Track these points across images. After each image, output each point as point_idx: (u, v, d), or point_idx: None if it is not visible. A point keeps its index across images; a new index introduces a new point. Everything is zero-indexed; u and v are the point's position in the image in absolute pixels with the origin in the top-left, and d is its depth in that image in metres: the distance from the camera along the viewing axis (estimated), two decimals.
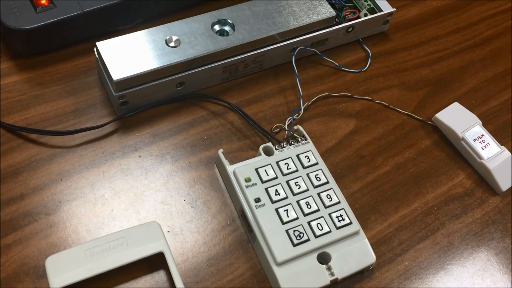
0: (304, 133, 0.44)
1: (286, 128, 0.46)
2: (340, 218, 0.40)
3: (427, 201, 0.45)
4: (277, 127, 0.47)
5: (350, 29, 0.51)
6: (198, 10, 0.51)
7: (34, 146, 0.42)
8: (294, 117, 0.47)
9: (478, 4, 0.60)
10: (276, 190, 0.41)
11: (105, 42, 0.43)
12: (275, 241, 0.38)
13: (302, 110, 0.47)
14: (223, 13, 0.47)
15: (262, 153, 0.43)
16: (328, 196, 0.41)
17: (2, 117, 0.43)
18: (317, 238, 0.39)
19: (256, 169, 0.42)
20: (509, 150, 0.47)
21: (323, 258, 0.39)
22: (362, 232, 0.41)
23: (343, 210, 0.41)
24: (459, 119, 0.48)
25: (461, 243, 0.43)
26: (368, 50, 0.53)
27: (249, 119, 0.46)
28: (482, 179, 0.47)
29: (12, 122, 0.43)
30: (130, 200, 0.41)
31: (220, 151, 0.43)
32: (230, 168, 0.42)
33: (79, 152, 0.42)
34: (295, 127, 0.45)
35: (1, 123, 0.43)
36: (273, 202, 0.40)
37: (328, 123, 0.48)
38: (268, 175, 0.41)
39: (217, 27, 0.46)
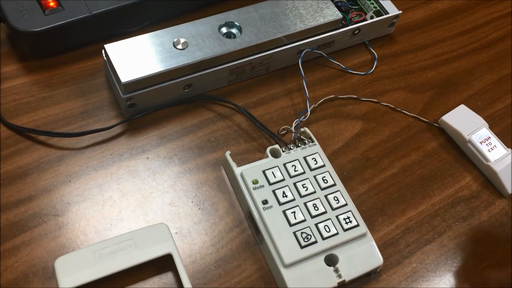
0: (311, 135, 0.44)
1: (293, 130, 0.46)
2: (347, 220, 0.41)
3: (434, 203, 0.45)
4: (283, 129, 0.47)
5: (356, 32, 0.51)
6: (205, 13, 0.51)
7: (42, 148, 0.42)
8: (301, 119, 0.47)
9: (483, 7, 0.60)
10: (284, 192, 0.41)
11: (113, 44, 0.44)
12: (283, 243, 0.39)
13: (308, 112, 0.47)
14: (230, 15, 0.47)
15: (269, 155, 0.43)
16: (335, 198, 0.42)
17: (10, 118, 0.43)
18: (324, 240, 0.39)
19: (264, 171, 0.42)
20: None
21: (331, 260, 0.39)
22: (369, 234, 0.41)
23: (350, 212, 0.41)
24: (465, 122, 0.48)
25: (468, 246, 0.43)
26: (374, 52, 0.53)
27: (256, 121, 0.46)
28: (488, 181, 0.47)
29: (20, 124, 0.43)
30: (138, 201, 0.41)
31: (228, 153, 0.43)
32: (237, 170, 0.42)
33: (87, 153, 0.43)
34: (302, 129, 0.45)
35: (10, 124, 0.43)
36: (280, 204, 0.40)
37: (334, 125, 0.48)
38: (275, 177, 0.42)
39: (224, 30, 0.47)
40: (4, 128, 0.43)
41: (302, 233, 0.39)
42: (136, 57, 0.43)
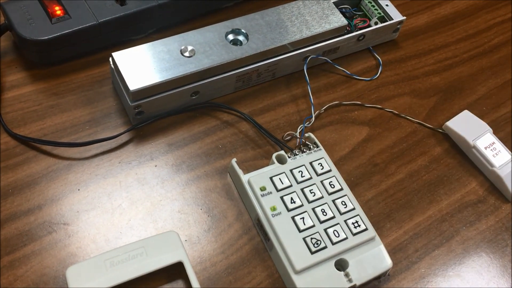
0: (316, 140, 0.45)
1: (298, 136, 0.46)
2: (356, 225, 0.41)
3: (441, 208, 0.45)
4: (288, 134, 0.47)
5: (361, 38, 0.51)
6: (210, 20, 0.52)
7: (50, 157, 0.42)
8: (306, 124, 0.47)
9: (485, 12, 0.60)
10: (292, 198, 0.41)
11: (121, 52, 0.44)
12: (293, 249, 0.39)
13: (313, 118, 0.48)
14: (237, 22, 0.47)
15: (276, 161, 0.43)
16: (343, 203, 0.42)
17: (18, 127, 0.43)
18: (334, 245, 0.40)
19: (271, 178, 0.42)
20: None
21: (341, 265, 0.40)
22: (378, 238, 0.41)
23: (358, 216, 0.41)
24: (469, 127, 0.48)
25: (476, 250, 0.43)
26: (378, 58, 0.53)
27: (261, 127, 0.46)
28: (494, 186, 0.47)
29: (28, 132, 0.43)
30: (147, 209, 0.41)
31: (234, 161, 0.43)
32: (244, 178, 0.42)
33: (95, 162, 0.43)
34: (306, 135, 0.45)
35: (15, 134, 0.43)
36: (289, 210, 0.41)
37: (340, 131, 0.48)
38: (282, 183, 0.42)
39: (231, 37, 0.47)
40: (11, 137, 0.43)
41: (311, 238, 0.39)
42: (144, 65, 0.43)
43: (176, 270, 0.38)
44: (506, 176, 0.46)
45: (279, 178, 0.42)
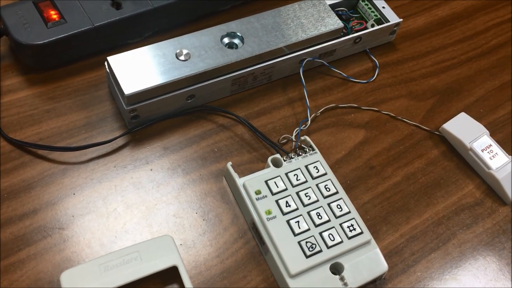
0: (312, 143, 0.45)
1: (293, 139, 0.46)
2: (351, 228, 0.41)
3: (438, 211, 0.45)
4: (284, 138, 0.47)
5: (357, 40, 0.51)
6: (206, 23, 0.52)
7: (46, 161, 0.42)
8: (301, 128, 0.47)
9: (483, 14, 0.60)
10: (287, 202, 0.41)
11: (116, 56, 0.44)
12: (288, 253, 0.39)
13: (309, 121, 0.47)
14: (232, 26, 0.47)
15: (271, 164, 0.43)
16: (339, 206, 0.42)
17: (14, 132, 0.43)
18: (329, 249, 0.39)
19: (266, 181, 0.42)
20: None
21: (336, 269, 0.39)
22: (373, 241, 0.41)
23: (353, 219, 0.41)
24: (466, 130, 0.48)
25: (473, 253, 0.43)
26: (375, 60, 0.53)
27: (256, 131, 0.46)
28: (491, 189, 0.47)
29: (24, 137, 0.43)
30: (142, 213, 0.41)
31: (229, 164, 0.43)
32: (240, 181, 0.42)
33: (91, 166, 0.43)
34: (302, 138, 0.45)
35: (11, 139, 0.43)
36: (284, 214, 0.40)
37: (337, 134, 0.48)
38: (278, 187, 0.42)
39: (226, 40, 0.47)
40: (7, 142, 0.43)
41: (306, 242, 0.39)
42: (139, 68, 0.43)
43: (170, 275, 0.38)
44: (503, 179, 0.46)
45: (274, 182, 0.42)
